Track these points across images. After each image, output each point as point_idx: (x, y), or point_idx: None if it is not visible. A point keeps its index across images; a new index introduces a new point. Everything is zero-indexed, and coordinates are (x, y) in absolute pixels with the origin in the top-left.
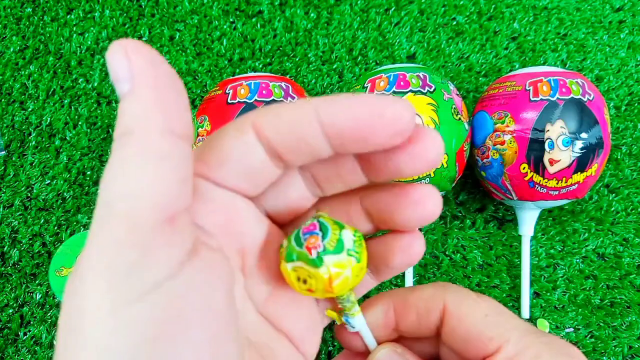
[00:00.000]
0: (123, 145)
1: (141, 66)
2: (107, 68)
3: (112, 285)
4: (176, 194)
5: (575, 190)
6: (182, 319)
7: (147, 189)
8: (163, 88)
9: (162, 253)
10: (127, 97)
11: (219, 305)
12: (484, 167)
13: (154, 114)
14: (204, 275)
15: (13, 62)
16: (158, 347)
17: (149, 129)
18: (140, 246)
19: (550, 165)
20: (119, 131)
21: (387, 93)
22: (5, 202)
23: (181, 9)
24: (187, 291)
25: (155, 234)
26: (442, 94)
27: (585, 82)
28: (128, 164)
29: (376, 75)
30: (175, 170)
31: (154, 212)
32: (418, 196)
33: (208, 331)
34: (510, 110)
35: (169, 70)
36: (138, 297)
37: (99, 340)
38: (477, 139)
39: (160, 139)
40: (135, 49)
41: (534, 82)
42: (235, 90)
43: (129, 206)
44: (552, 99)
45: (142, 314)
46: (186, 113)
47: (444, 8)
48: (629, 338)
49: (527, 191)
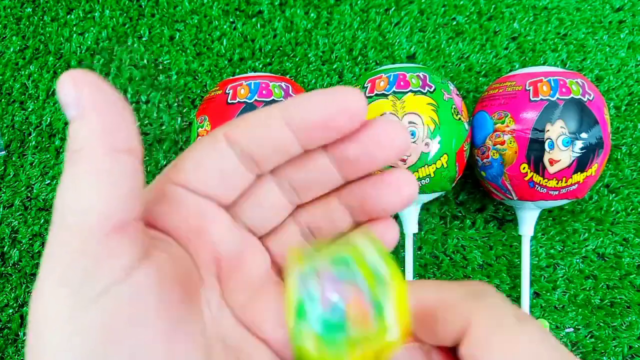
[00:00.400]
0: (73, 163)
1: (87, 93)
2: (58, 97)
3: (67, 292)
4: (123, 205)
5: (575, 190)
6: (132, 321)
7: (94, 202)
8: (107, 111)
9: (112, 260)
10: (75, 120)
11: (172, 307)
12: (484, 167)
13: (98, 134)
14: (154, 279)
15: (13, 62)
16: (111, 350)
17: (94, 148)
18: (91, 255)
19: (550, 165)
20: (70, 150)
21: (387, 93)
22: (5, 202)
23: (181, 9)
24: (137, 295)
25: (104, 243)
26: (442, 94)
27: (585, 82)
28: (77, 180)
29: (376, 75)
30: (120, 183)
31: (102, 223)
32: (394, 179)
33: (160, 333)
34: (510, 110)
35: (112, 94)
36: (90, 303)
37: (57, 346)
38: (477, 139)
39: (105, 156)
40: (82, 78)
41: (534, 82)
42: (235, 90)
43: (78, 219)
44: (552, 99)
45: (94, 319)
46: (130, 130)
47: (444, 8)
48: (629, 338)
49: (527, 191)
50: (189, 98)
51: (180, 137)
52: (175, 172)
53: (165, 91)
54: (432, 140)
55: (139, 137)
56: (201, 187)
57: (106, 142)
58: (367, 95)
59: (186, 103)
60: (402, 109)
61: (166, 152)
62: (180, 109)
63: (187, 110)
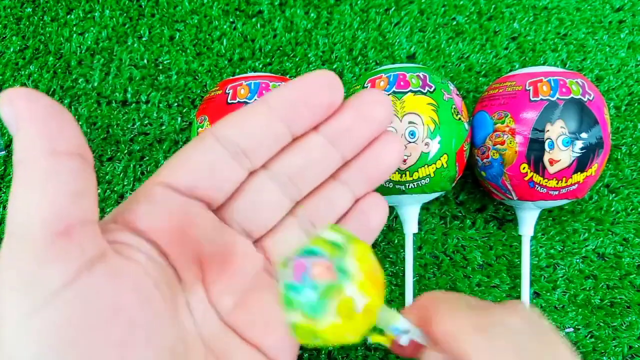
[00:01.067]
0: (17, 171)
1: (23, 106)
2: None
3: (17, 297)
4: (67, 208)
5: (575, 190)
6: (84, 325)
7: (35, 208)
8: (44, 118)
9: (58, 265)
10: (17, 133)
11: (131, 312)
12: (484, 167)
13: (37, 141)
14: (108, 283)
15: (13, 62)
16: (63, 352)
17: (34, 154)
18: (36, 261)
19: (550, 165)
20: (15, 160)
21: (387, 93)
22: (5, 202)
23: (181, 9)
24: (87, 299)
25: (48, 249)
26: (442, 94)
27: (585, 82)
28: (19, 187)
29: (376, 75)
30: (63, 186)
31: (44, 229)
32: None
33: (115, 336)
34: (510, 110)
35: (49, 103)
36: (41, 307)
37: (12, 348)
38: (477, 139)
39: (45, 160)
40: (16, 94)
41: (534, 82)
42: (235, 90)
43: (21, 225)
44: (552, 99)
45: (46, 322)
46: (72, 134)
47: (444, 8)
48: (629, 338)
49: (527, 191)
50: (189, 98)
51: (180, 137)
52: (162, 172)
53: (165, 91)
54: (432, 140)
55: (83, 140)
56: (188, 184)
57: (45, 147)
58: None
59: (186, 103)
60: (402, 109)
61: (166, 152)
62: (180, 109)
63: (187, 110)
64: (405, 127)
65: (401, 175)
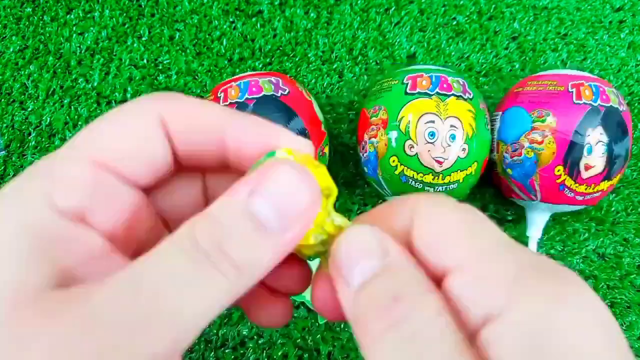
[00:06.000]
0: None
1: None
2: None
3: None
4: None
5: (596, 197)
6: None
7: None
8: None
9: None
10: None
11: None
12: (512, 165)
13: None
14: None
15: (13, 62)
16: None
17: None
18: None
19: (585, 171)
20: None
21: (431, 93)
22: None
23: (181, 9)
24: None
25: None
26: (479, 102)
27: (619, 94)
28: None
29: (415, 73)
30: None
31: None
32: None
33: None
34: (553, 110)
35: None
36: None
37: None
38: (509, 135)
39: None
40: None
41: (576, 85)
42: (226, 93)
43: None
44: (594, 104)
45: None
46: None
47: (444, 8)
48: (629, 338)
49: (555, 194)
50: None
51: None
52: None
53: (165, 91)
54: (469, 146)
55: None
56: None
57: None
58: (409, 92)
59: None
60: (445, 112)
61: None
62: None
63: None
64: (447, 130)
65: (434, 177)
